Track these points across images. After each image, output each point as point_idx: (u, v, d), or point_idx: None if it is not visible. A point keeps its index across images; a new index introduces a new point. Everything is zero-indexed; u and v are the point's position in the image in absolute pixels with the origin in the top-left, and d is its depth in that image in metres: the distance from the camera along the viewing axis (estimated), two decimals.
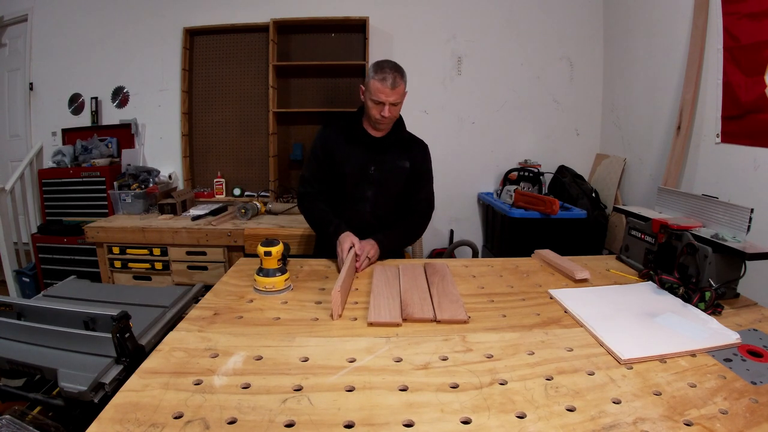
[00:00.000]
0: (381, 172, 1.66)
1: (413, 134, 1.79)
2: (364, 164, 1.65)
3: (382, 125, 1.63)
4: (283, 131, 3.28)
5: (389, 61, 1.58)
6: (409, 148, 1.72)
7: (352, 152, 1.66)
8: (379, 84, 1.52)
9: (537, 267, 1.55)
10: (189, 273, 2.62)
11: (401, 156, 1.69)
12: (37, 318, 1.11)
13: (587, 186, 2.99)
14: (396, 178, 1.69)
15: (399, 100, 1.56)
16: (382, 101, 1.53)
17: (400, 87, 1.54)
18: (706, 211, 1.37)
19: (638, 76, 2.77)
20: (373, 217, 1.69)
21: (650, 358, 0.91)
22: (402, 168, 1.68)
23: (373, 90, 1.54)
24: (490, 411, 0.74)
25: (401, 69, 1.57)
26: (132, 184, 2.98)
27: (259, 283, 1.29)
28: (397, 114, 1.62)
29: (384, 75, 1.52)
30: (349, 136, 1.67)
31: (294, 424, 0.71)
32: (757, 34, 1.85)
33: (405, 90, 1.59)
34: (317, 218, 1.66)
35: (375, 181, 1.66)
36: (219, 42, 3.20)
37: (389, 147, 1.68)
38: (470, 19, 3.17)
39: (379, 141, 1.67)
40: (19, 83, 3.44)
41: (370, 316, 1.10)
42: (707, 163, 2.15)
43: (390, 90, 1.52)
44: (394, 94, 1.53)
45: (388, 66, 1.54)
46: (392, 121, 1.63)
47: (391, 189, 1.69)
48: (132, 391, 0.79)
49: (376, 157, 1.66)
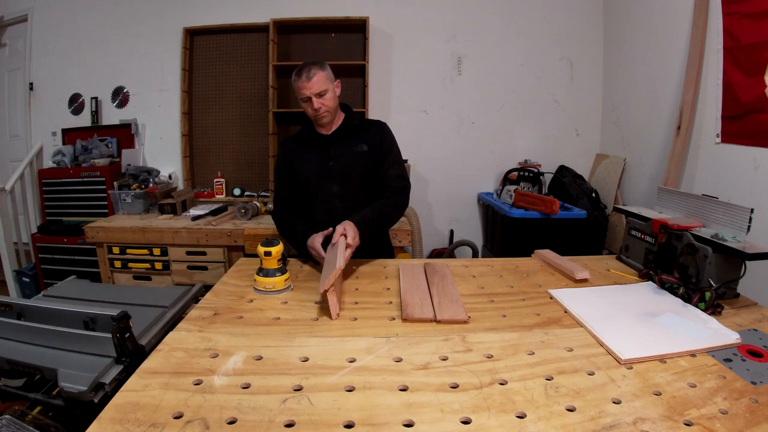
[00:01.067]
0: (340, 163, 1.64)
1: (369, 119, 1.77)
2: (321, 161, 1.65)
3: (322, 119, 1.61)
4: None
5: (308, 60, 1.59)
6: (365, 131, 1.70)
7: (308, 154, 1.66)
8: (297, 82, 1.55)
9: (537, 267, 1.55)
10: (189, 273, 2.62)
11: (357, 141, 1.67)
12: (37, 318, 1.11)
13: (587, 186, 2.99)
14: (356, 165, 1.65)
15: (323, 88, 1.54)
16: (307, 96, 1.54)
17: (318, 75, 1.52)
18: (706, 211, 1.37)
19: (638, 76, 2.77)
20: (345, 212, 1.61)
21: (650, 358, 0.91)
22: (360, 152, 1.65)
23: (296, 90, 1.57)
24: (490, 411, 0.74)
25: (319, 62, 1.57)
26: (132, 184, 2.99)
27: (259, 283, 1.29)
28: (330, 103, 1.59)
29: (300, 72, 1.54)
30: (303, 142, 1.69)
31: (294, 424, 0.71)
32: (757, 34, 1.85)
33: (328, 77, 1.57)
34: (287, 232, 1.65)
35: (336, 174, 1.64)
36: (219, 42, 3.20)
37: (343, 138, 1.67)
38: (470, 19, 3.17)
39: (332, 136, 1.67)
40: (19, 83, 3.44)
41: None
42: (707, 163, 2.15)
43: (307, 82, 1.52)
44: (313, 84, 1.52)
45: (304, 64, 1.56)
46: (330, 112, 1.60)
47: (354, 177, 1.66)
48: (132, 391, 0.79)
49: (332, 152, 1.65)
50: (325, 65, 1.58)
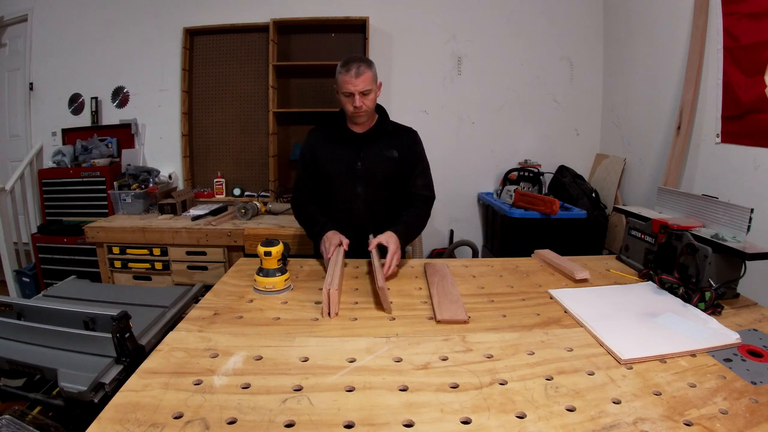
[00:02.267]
0: (368, 166, 1.63)
1: (401, 124, 1.76)
2: (350, 161, 1.64)
3: (359, 118, 1.60)
4: (283, 131, 3.28)
5: (356, 55, 1.57)
6: (397, 137, 1.69)
7: (337, 152, 1.65)
8: (344, 76, 1.52)
9: (537, 267, 1.55)
10: (189, 273, 2.62)
11: (388, 146, 1.66)
12: (37, 318, 1.11)
13: (587, 186, 2.99)
14: (384, 170, 1.65)
15: (368, 88, 1.53)
16: (350, 92, 1.52)
17: (366, 74, 1.51)
18: (706, 211, 1.37)
19: (638, 76, 2.77)
20: (366, 214, 1.66)
21: (650, 358, 0.91)
22: (390, 158, 1.65)
23: (341, 83, 1.54)
24: (490, 411, 0.74)
25: (367, 59, 1.56)
26: (132, 184, 2.98)
27: (259, 283, 1.29)
28: (371, 104, 1.58)
29: (348, 66, 1.52)
30: (334, 137, 1.67)
31: (294, 424, 0.71)
32: (757, 34, 1.85)
33: (374, 77, 1.56)
34: (306, 219, 1.66)
35: (363, 176, 1.63)
36: (219, 42, 3.20)
37: (374, 140, 1.65)
38: (470, 19, 3.17)
39: (364, 136, 1.65)
40: (19, 83, 3.44)
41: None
42: (707, 163, 2.15)
43: (355, 79, 1.50)
44: (360, 82, 1.50)
45: (353, 59, 1.54)
46: (368, 112, 1.59)
47: (380, 182, 1.65)
48: (132, 391, 0.79)
49: (361, 153, 1.64)
50: (373, 64, 1.57)
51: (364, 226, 1.61)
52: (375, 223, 1.63)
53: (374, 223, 1.62)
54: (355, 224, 1.63)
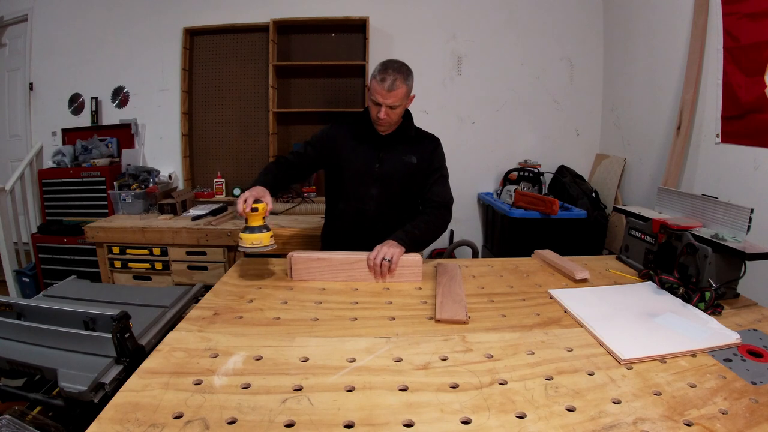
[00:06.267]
0: (385, 169, 1.62)
1: (424, 130, 1.73)
2: (368, 162, 1.62)
3: (380, 126, 1.58)
4: (283, 131, 3.28)
5: (396, 61, 1.50)
6: (418, 143, 1.67)
7: (357, 150, 1.63)
8: (377, 85, 1.48)
9: (537, 267, 1.55)
10: (189, 273, 2.62)
11: (408, 151, 1.64)
12: (37, 318, 1.11)
13: (587, 186, 2.99)
14: (401, 175, 1.63)
15: (397, 104, 1.49)
16: (378, 102, 1.49)
17: (399, 90, 1.46)
18: (706, 211, 1.37)
19: (638, 77, 2.77)
20: (378, 216, 1.65)
21: (650, 358, 0.91)
22: (408, 163, 1.63)
23: (372, 89, 1.50)
24: (490, 411, 0.74)
25: (406, 71, 1.50)
26: (132, 184, 2.98)
27: (246, 240, 1.30)
28: (396, 117, 1.56)
29: (384, 76, 1.46)
30: (356, 135, 1.65)
31: (294, 424, 0.71)
32: (757, 34, 1.85)
33: (407, 93, 1.51)
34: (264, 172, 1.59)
35: (379, 178, 1.62)
36: (219, 42, 3.20)
37: (395, 144, 1.64)
38: (470, 19, 3.17)
39: (386, 138, 1.63)
40: (19, 83, 3.44)
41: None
42: (707, 163, 2.15)
43: (386, 92, 1.45)
44: (390, 96, 1.46)
45: (392, 67, 1.48)
46: (390, 123, 1.57)
47: (395, 186, 1.64)
48: (132, 391, 0.79)
49: (381, 155, 1.62)
50: (410, 77, 1.51)
51: (373, 228, 1.60)
52: (385, 226, 1.59)
53: (384, 226, 1.59)
54: (365, 225, 1.62)
